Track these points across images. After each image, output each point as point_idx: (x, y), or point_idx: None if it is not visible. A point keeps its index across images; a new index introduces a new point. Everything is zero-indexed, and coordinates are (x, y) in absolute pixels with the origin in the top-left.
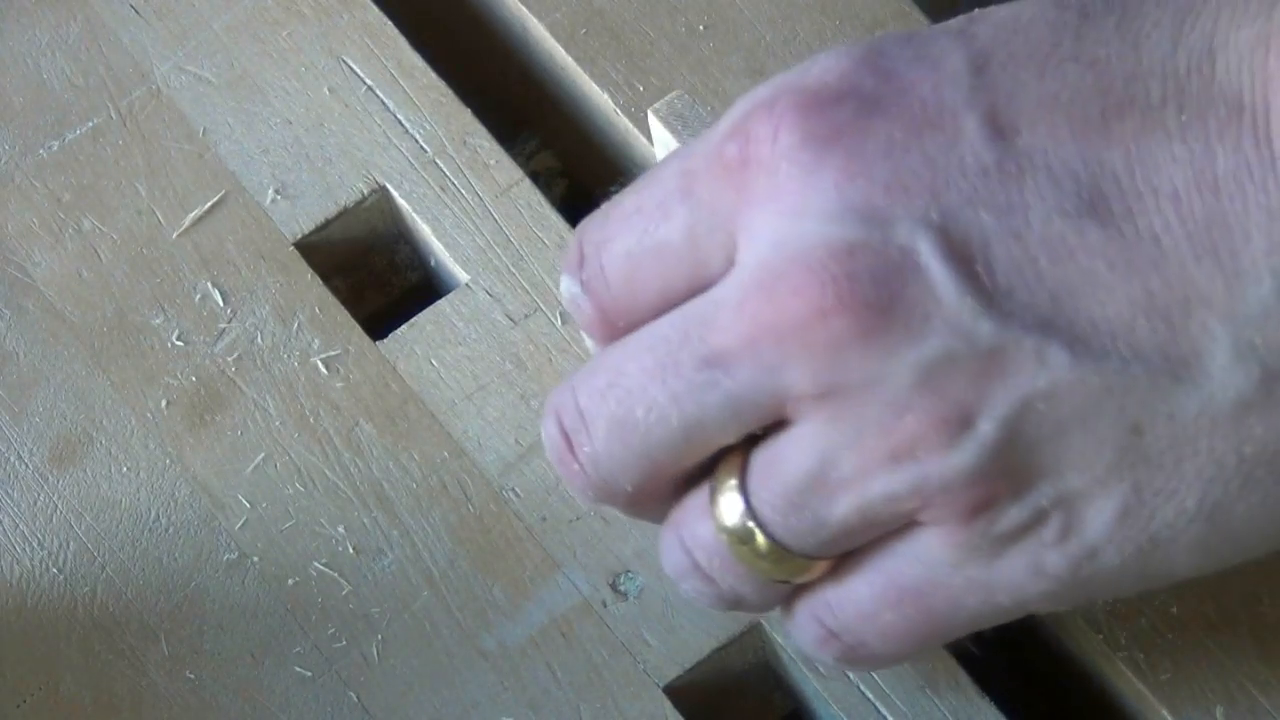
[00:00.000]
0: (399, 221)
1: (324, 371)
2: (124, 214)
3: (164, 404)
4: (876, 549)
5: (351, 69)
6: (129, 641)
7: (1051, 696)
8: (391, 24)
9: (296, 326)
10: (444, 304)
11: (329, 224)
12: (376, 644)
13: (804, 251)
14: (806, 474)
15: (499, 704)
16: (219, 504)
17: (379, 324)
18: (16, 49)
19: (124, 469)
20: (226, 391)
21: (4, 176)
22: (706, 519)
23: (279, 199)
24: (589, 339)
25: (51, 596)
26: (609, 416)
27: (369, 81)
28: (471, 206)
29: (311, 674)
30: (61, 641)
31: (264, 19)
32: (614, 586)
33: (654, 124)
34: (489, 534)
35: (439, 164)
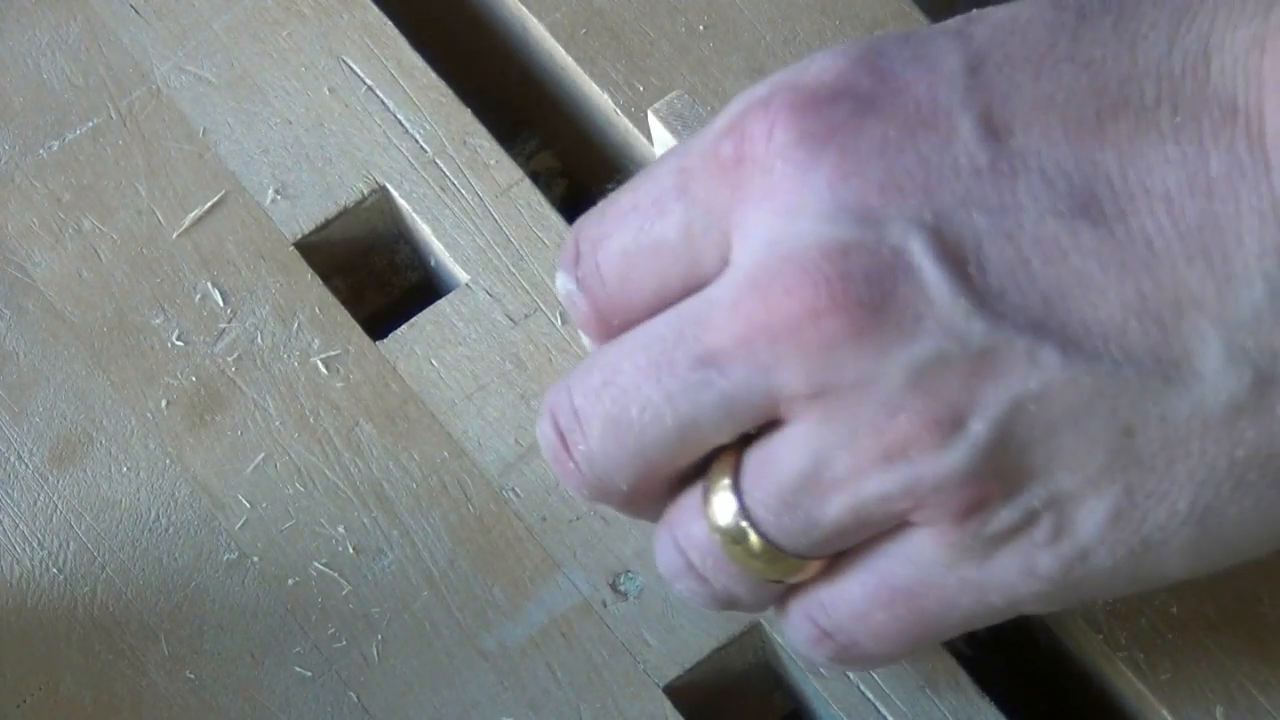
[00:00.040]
0: (399, 221)
1: (324, 371)
2: (124, 214)
3: (164, 404)
4: (869, 549)
5: (351, 69)
6: (129, 641)
7: (1051, 696)
8: (391, 24)
9: (296, 326)
10: (444, 304)
11: (329, 224)
12: (376, 644)
13: (798, 251)
14: (800, 474)
15: (499, 704)
16: (219, 504)
17: (379, 324)
18: (16, 49)
19: (124, 469)
20: (226, 391)
21: (4, 176)
22: (700, 519)
23: (279, 199)
24: (586, 338)
25: (51, 596)
26: (604, 415)
27: (369, 81)
28: (471, 206)
29: (311, 674)
30: (61, 641)
31: (264, 19)
32: (614, 586)
33: (654, 124)
34: (489, 534)
35: (439, 164)
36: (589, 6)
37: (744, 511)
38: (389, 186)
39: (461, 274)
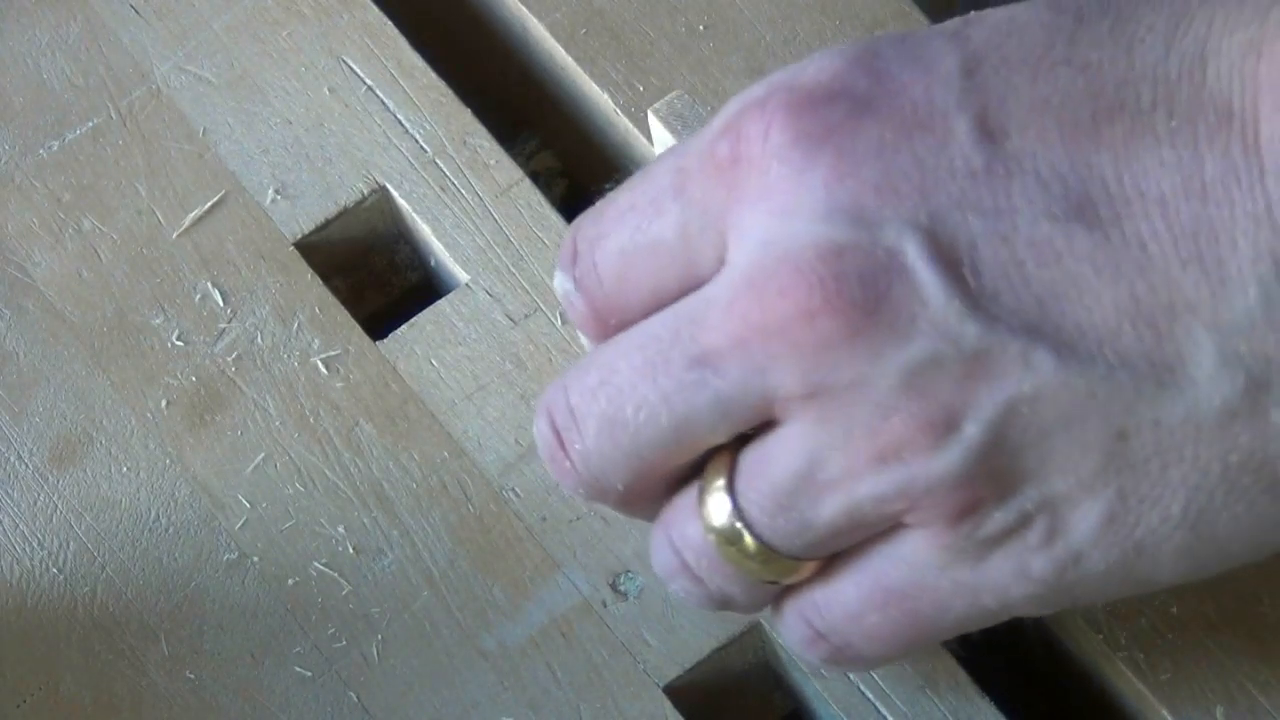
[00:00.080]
0: (399, 221)
1: (324, 371)
2: (124, 214)
3: (164, 404)
4: (864, 551)
5: (351, 69)
6: (129, 641)
7: (1051, 696)
8: (391, 24)
9: (296, 326)
10: (444, 304)
11: (329, 224)
12: (376, 644)
13: (793, 252)
14: (794, 475)
15: (499, 704)
16: (219, 504)
17: (379, 324)
18: (16, 49)
19: (124, 469)
20: (226, 391)
21: (4, 176)
22: (695, 519)
23: (279, 199)
24: (584, 337)
25: (51, 596)
26: (599, 415)
27: (369, 81)
28: (471, 206)
29: (311, 674)
30: (61, 641)
31: (264, 19)
32: (614, 586)
33: (654, 124)
34: (489, 534)
35: (439, 164)
36: (589, 6)
37: (739, 512)
38: (389, 186)
39: (461, 274)
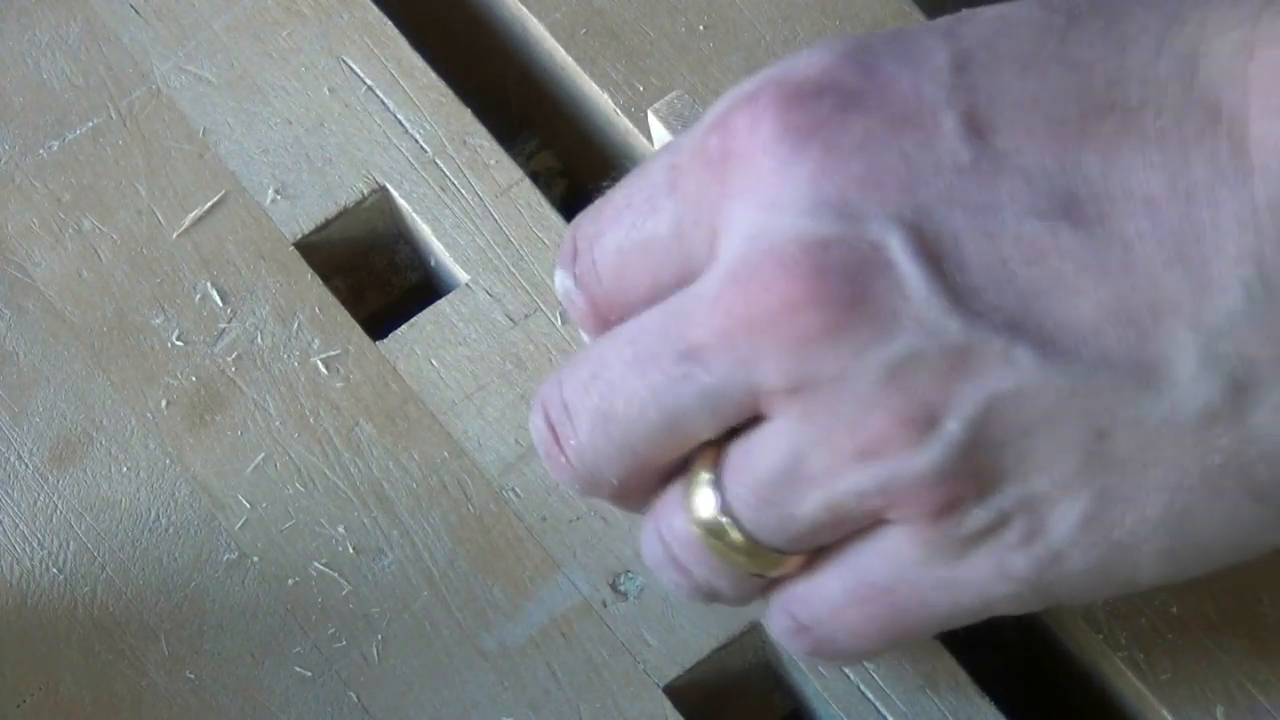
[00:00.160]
0: (399, 221)
1: (324, 371)
2: (124, 214)
3: (164, 404)
4: (847, 546)
5: (351, 69)
6: (129, 641)
7: (1051, 696)
8: (391, 24)
9: (296, 326)
10: (444, 304)
11: (329, 224)
12: (376, 644)
13: (777, 246)
14: (778, 469)
15: (499, 704)
16: (219, 504)
17: (379, 324)
18: (16, 49)
19: (124, 469)
20: (226, 391)
21: (4, 176)
22: (682, 512)
23: (279, 199)
24: (585, 335)
25: (51, 596)
26: (592, 409)
27: (369, 81)
28: (471, 206)
29: (311, 674)
30: (61, 641)
31: (264, 19)
32: (614, 586)
33: (654, 124)
34: (489, 534)
35: (439, 164)
36: (589, 6)
37: (724, 506)
38: (389, 186)
39: (461, 274)
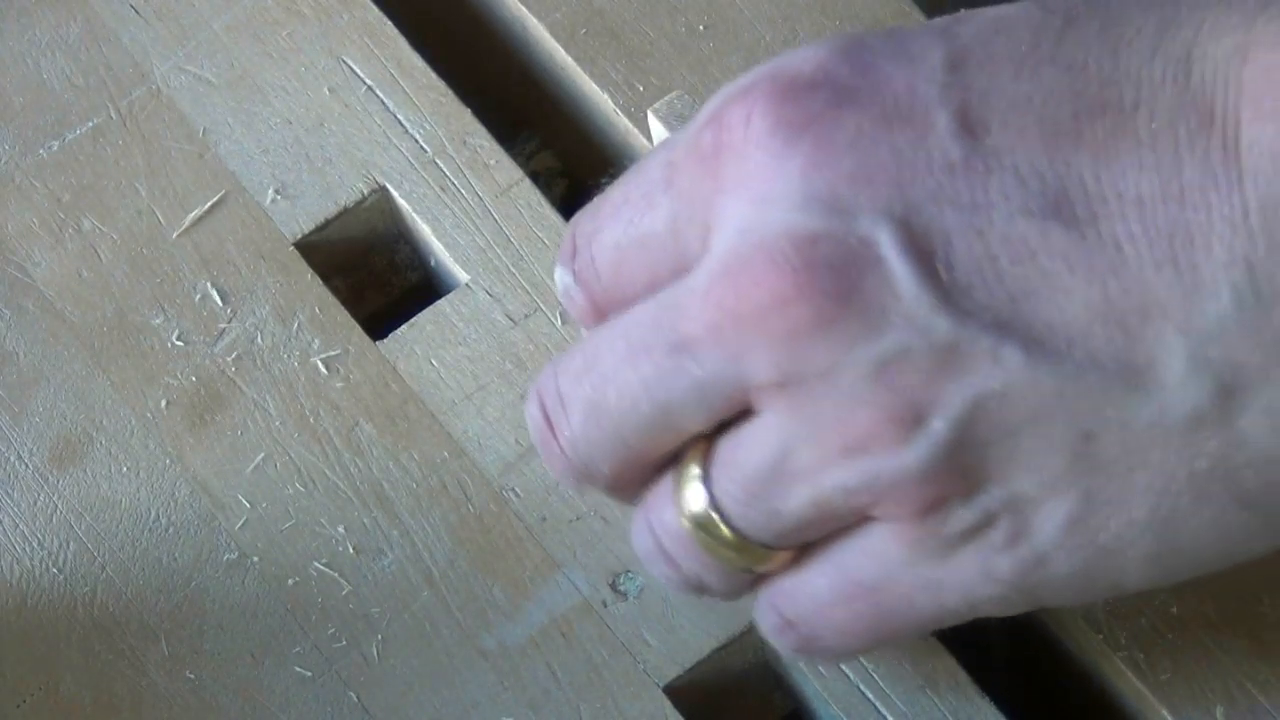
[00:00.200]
0: (399, 221)
1: (324, 371)
2: (124, 214)
3: (164, 404)
4: (834, 542)
5: (351, 69)
6: (129, 641)
7: (1051, 696)
8: (391, 24)
9: (296, 326)
10: (444, 304)
11: (329, 224)
12: (376, 644)
13: (768, 240)
14: (765, 464)
15: (499, 704)
16: (219, 504)
17: (379, 324)
18: (16, 49)
19: (124, 469)
20: (226, 391)
21: (4, 176)
22: (672, 505)
23: (279, 199)
24: (585, 331)
25: (51, 596)
26: (584, 400)
27: (369, 81)
28: (471, 206)
29: (311, 674)
30: (61, 641)
31: (264, 19)
32: (614, 586)
33: (654, 124)
34: (489, 534)
35: (439, 164)
36: (589, 6)
37: (713, 501)
38: (389, 186)
39: (461, 274)
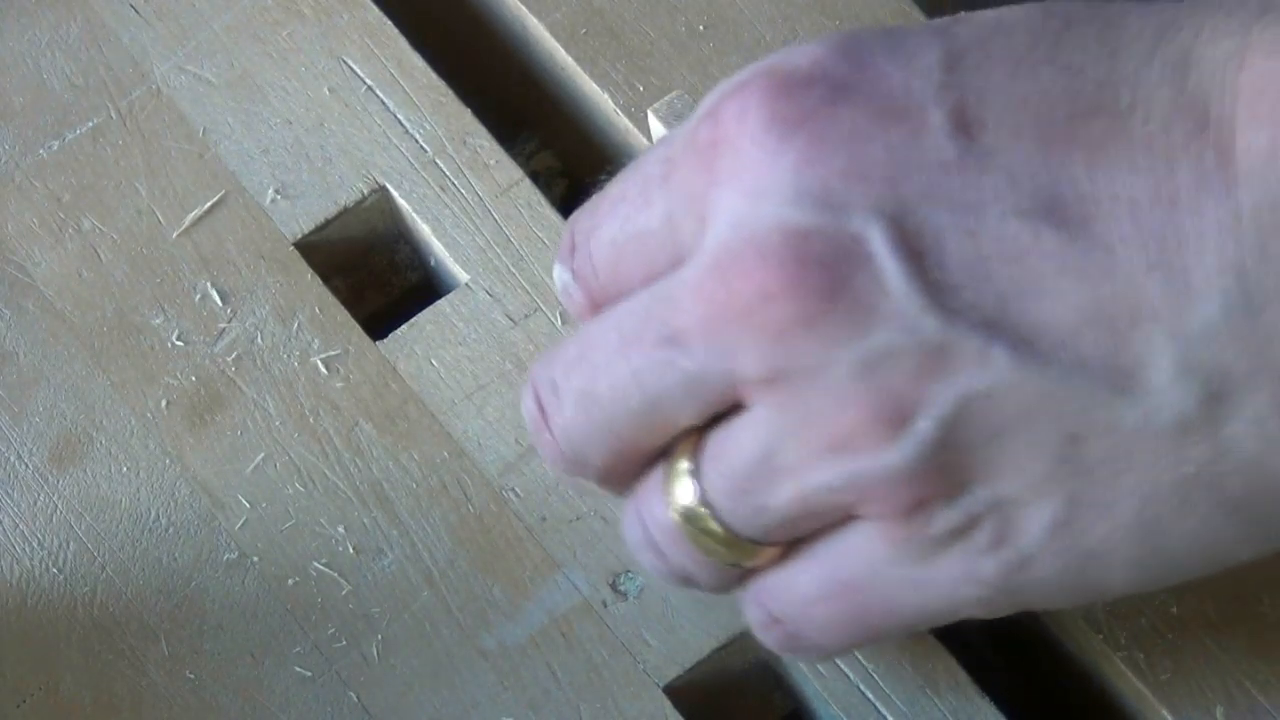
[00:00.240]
0: (399, 221)
1: (324, 371)
2: (124, 214)
3: (164, 404)
4: (820, 540)
5: (351, 69)
6: (129, 641)
7: (1051, 696)
8: (391, 24)
9: (296, 326)
10: (444, 304)
11: (329, 224)
12: (376, 644)
13: (759, 234)
14: (753, 460)
15: (499, 704)
16: (219, 504)
17: (379, 324)
18: (16, 49)
19: (124, 469)
20: (226, 391)
21: (4, 176)
22: (662, 498)
23: (279, 199)
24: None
25: (51, 596)
26: (577, 390)
27: (369, 81)
28: (471, 206)
29: (311, 674)
30: (61, 641)
31: (264, 19)
32: (614, 586)
33: (654, 124)
34: (489, 534)
35: (439, 164)
36: (589, 6)
37: (701, 495)
38: (389, 186)
39: (461, 274)
